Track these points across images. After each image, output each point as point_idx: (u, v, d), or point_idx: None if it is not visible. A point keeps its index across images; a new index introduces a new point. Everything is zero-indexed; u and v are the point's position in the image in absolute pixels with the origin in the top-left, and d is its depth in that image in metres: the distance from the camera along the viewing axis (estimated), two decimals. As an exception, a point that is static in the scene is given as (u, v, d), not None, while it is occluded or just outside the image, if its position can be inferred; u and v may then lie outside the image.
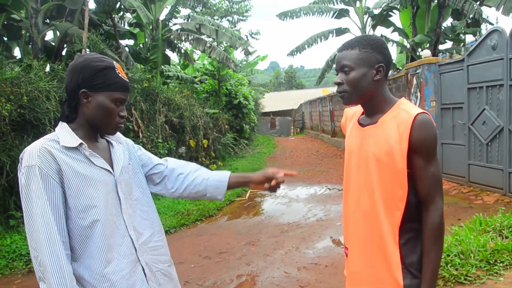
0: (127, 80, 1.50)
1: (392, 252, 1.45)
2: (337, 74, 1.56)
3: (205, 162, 10.66)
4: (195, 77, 15.70)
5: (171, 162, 1.76)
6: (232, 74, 15.54)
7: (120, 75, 1.45)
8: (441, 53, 11.62)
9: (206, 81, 15.28)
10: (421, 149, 1.41)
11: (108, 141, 1.57)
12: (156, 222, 1.63)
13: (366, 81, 1.48)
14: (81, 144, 1.39)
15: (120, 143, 1.62)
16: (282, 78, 66.32)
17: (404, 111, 1.45)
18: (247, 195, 8.30)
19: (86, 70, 1.40)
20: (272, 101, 32.37)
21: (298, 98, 33.23)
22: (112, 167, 1.49)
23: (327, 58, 17.11)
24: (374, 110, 1.55)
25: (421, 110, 1.43)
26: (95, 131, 1.50)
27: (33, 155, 1.31)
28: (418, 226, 1.47)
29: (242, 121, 15.96)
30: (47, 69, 6.92)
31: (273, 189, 1.78)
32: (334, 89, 23.68)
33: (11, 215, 5.52)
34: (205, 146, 10.77)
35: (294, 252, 4.82)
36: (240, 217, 6.72)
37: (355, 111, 1.71)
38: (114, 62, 1.47)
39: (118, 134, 1.63)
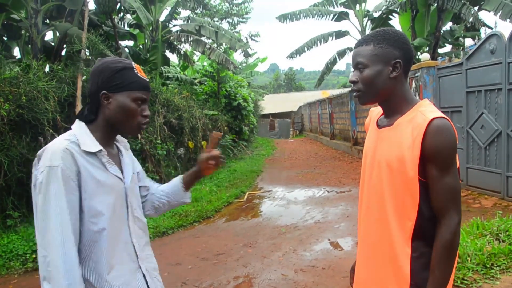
0: (147, 79, 1.50)
1: (403, 264, 1.35)
2: (353, 72, 1.47)
3: (203, 164, 10.65)
4: (195, 79, 15.71)
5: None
6: (232, 76, 15.55)
7: (139, 74, 1.46)
8: (440, 57, 11.65)
9: (205, 83, 15.29)
10: (435, 158, 1.29)
11: (118, 148, 1.58)
12: (147, 232, 1.65)
13: (382, 79, 1.38)
14: (100, 150, 1.41)
15: (128, 150, 1.64)
16: (282, 80, 66.40)
17: (421, 114, 1.33)
18: (245, 197, 8.30)
19: (104, 72, 1.41)
20: (272, 103, 32.38)
21: (297, 100, 33.25)
22: (122, 175, 1.50)
23: (326, 60, 17.15)
24: (392, 110, 1.44)
25: (439, 114, 1.31)
26: (113, 134, 1.50)
27: (56, 156, 1.30)
28: (432, 238, 1.35)
29: (241, 123, 15.96)
30: (46, 69, 6.93)
31: (218, 163, 1.75)
32: (333, 92, 23.72)
33: (8, 215, 5.51)
34: (204, 147, 10.75)
35: (292, 254, 4.82)
36: (238, 218, 6.72)
37: (380, 111, 1.59)
38: (133, 63, 1.48)
39: (126, 141, 1.65)
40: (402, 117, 1.40)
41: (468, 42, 13.90)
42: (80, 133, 1.41)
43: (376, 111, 1.63)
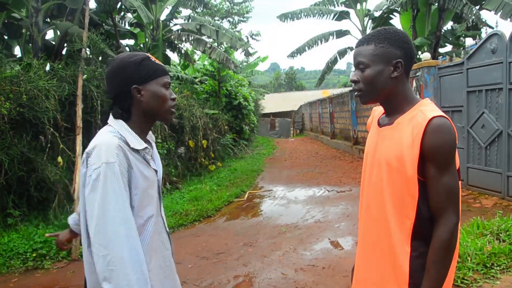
0: (164, 65, 1.54)
1: (402, 263, 1.34)
2: (354, 71, 1.47)
3: (204, 163, 10.67)
4: (195, 78, 15.71)
5: None
6: (232, 75, 15.54)
7: (156, 61, 1.50)
8: (441, 56, 11.64)
9: (206, 82, 15.28)
10: (434, 156, 1.28)
11: (149, 141, 1.61)
12: None
13: (383, 79, 1.38)
14: (145, 148, 1.45)
15: (153, 142, 1.68)
16: (282, 80, 66.38)
17: (421, 113, 1.33)
18: (246, 196, 8.30)
19: (128, 68, 1.43)
20: (272, 102, 32.37)
21: (298, 100, 33.23)
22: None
23: (327, 60, 17.14)
24: (393, 109, 1.45)
25: (439, 113, 1.31)
26: (149, 127, 1.54)
27: (112, 152, 1.32)
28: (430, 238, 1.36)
29: (242, 122, 15.96)
30: (47, 68, 6.92)
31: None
32: (334, 91, 23.71)
33: (9, 214, 5.52)
34: (204, 146, 10.77)
35: (292, 253, 4.82)
36: (238, 218, 6.72)
37: (382, 109, 1.59)
38: (146, 53, 1.51)
39: (152, 135, 1.68)
40: (402, 116, 1.40)
41: (469, 41, 13.89)
42: (123, 131, 1.43)
43: (378, 110, 1.63)
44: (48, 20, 9.05)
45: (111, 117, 1.48)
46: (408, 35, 1.44)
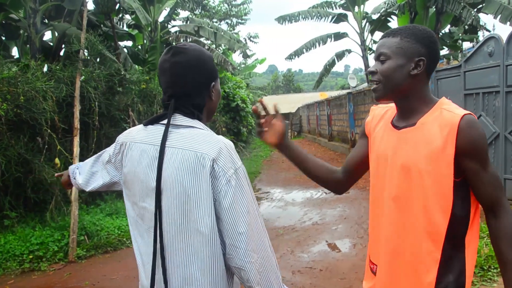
0: None
1: (429, 270, 1.30)
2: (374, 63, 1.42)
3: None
4: (193, 79, 15.69)
5: None
6: (230, 77, 15.55)
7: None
8: (438, 59, 11.68)
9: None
10: (473, 152, 1.25)
11: None
12: None
13: (401, 74, 1.32)
14: None
15: None
16: (280, 82, 66.44)
17: (448, 112, 1.29)
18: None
19: (209, 62, 1.36)
20: (270, 105, 32.33)
21: (296, 102, 33.28)
22: None
23: (325, 62, 17.19)
24: (411, 110, 1.38)
25: (467, 111, 1.28)
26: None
27: (237, 155, 1.30)
28: (462, 242, 1.32)
29: (240, 124, 15.96)
30: (45, 69, 6.91)
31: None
32: (331, 93, 23.75)
33: (5, 215, 5.50)
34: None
35: (289, 255, 4.82)
36: (235, 220, 6.71)
37: (386, 110, 1.52)
38: None
39: None
40: (425, 116, 1.34)
41: (466, 44, 13.95)
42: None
43: (378, 110, 1.57)
44: (46, 21, 9.03)
45: (185, 118, 1.31)
46: (435, 36, 1.39)
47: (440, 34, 11.33)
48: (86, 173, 1.64)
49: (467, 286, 1.33)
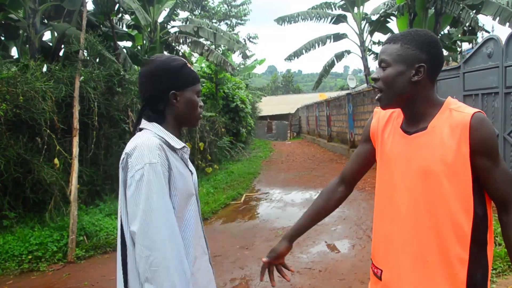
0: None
1: (458, 272, 1.29)
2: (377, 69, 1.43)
3: (201, 165, 10.65)
4: (193, 80, 15.68)
5: None
6: (230, 78, 15.56)
7: (192, 68, 1.50)
8: (437, 60, 11.69)
9: (203, 84, 15.29)
10: (485, 149, 1.27)
11: None
12: None
13: (402, 81, 1.32)
14: (184, 147, 1.45)
15: None
16: (280, 82, 66.48)
17: (457, 112, 1.31)
18: (243, 198, 8.30)
19: (170, 72, 1.43)
20: (269, 105, 32.40)
21: (295, 103, 33.31)
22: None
23: (324, 63, 17.20)
24: (419, 115, 1.37)
25: (476, 110, 1.30)
26: (179, 131, 1.53)
27: (154, 153, 1.32)
28: (484, 238, 1.33)
29: (239, 125, 15.97)
30: (44, 69, 6.90)
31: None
32: (331, 94, 23.79)
33: (4, 216, 5.49)
34: (201, 149, 10.76)
35: (288, 256, 4.79)
36: (234, 220, 6.72)
37: (392, 112, 1.51)
38: (183, 59, 1.51)
39: None
40: (435, 119, 1.35)
41: (465, 46, 13.97)
42: (160, 132, 1.42)
43: (383, 112, 1.54)
44: (46, 21, 9.02)
45: (143, 121, 1.46)
46: (438, 41, 1.38)
47: (439, 35, 11.33)
48: None
49: (489, 279, 1.36)
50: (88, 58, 7.25)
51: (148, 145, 1.32)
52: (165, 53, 12.56)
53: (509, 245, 1.32)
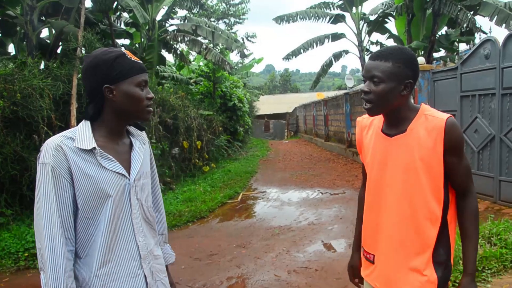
0: (141, 62, 1.48)
1: (428, 251, 1.55)
2: (364, 82, 1.57)
3: (198, 164, 10.65)
4: (190, 78, 15.68)
5: None
6: (227, 76, 15.55)
7: (132, 59, 1.43)
8: (435, 61, 11.72)
9: (201, 83, 15.27)
10: (455, 148, 1.51)
11: (131, 142, 1.55)
12: (156, 231, 1.64)
13: (393, 95, 1.52)
14: (94, 148, 1.38)
15: (144, 144, 1.61)
16: (277, 81, 66.48)
17: (432, 117, 1.53)
18: (239, 197, 8.31)
19: (100, 66, 1.38)
20: (267, 104, 32.40)
21: (292, 102, 33.30)
22: (129, 170, 1.47)
23: (322, 62, 17.21)
24: (399, 119, 1.59)
25: (448, 115, 1.53)
26: (122, 126, 1.49)
27: (48, 154, 1.32)
28: (445, 221, 1.56)
29: (236, 124, 15.96)
30: (42, 66, 6.89)
31: None
32: (328, 94, 23.81)
33: (1, 213, 5.48)
34: (199, 147, 10.75)
35: (285, 255, 4.83)
36: (231, 219, 6.72)
37: (371, 120, 1.73)
38: (123, 48, 1.47)
39: (144, 134, 1.63)
40: (412, 123, 1.56)
41: (463, 47, 14.01)
42: (81, 130, 1.40)
43: (364, 121, 1.77)
44: (43, 18, 9.00)
45: (83, 121, 1.46)
46: (416, 58, 1.58)
47: (437, 36, 11.36)
48: None
49: (452, 257, 1.60)
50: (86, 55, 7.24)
51: (47, 145, 1.33)
52: (163, 51, 12.56)
53: (460, 225, 1.59)
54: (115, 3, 9.50)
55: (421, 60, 8.22)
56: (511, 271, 3.68)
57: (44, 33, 9.96)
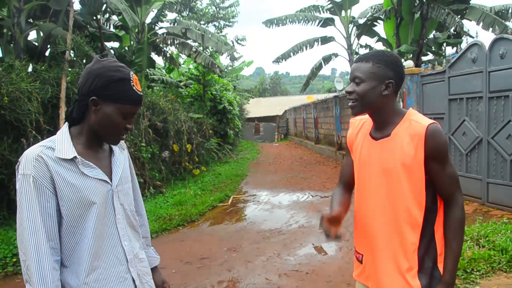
0: (141, 93, 1.45)
1: (411, 256, 1.55)
2: (351, 84, 1.63)
3: (188, 167, 10.61)
4: (180, 81, 15.65)
5: None
6: (217, 79, 15.53)
7: (134, 87, 1.40)
8: (423, 64, 11.84)
9: (191, 86, 15.24)
10: (437, 155, 1.50)
11: (111, 148, 1.55)
12: (147, 235, 1.67)
13: (374, 95, 1.55)
14: (75, 157, 1.37)
15: (123, 150, 1.61)
16: (267, 84, 66.51)
17: (416, 122, 1.54)
18: (230, 200, 8.29)
19: (101, 78, 1.36)
20: (257, 107, 32.45)
21: (282, 105, 33.37)
22: (110, 176, 1.48)
23: (312, 65, 17.28)
24: (384, 123, 1.62)
25: (431, 121, 1.53)
26: (97, 138, 1.47)
27: (29, 164, 1.30)
28: (432, 229, 1.56)
29: (227, 127, 15.94)
30: (30, 69, 6.82)
31: None
32: (318, 97, 23.94)
33: (-12, 218, 5.41)
34: (189, 150, 10.72)
35: (276, 258, 4.83)
36: (222, 222, 6.71)
37: (363, 121, 1.77)
38: (131, 73, 1.42)
39: (122, 141, 1.61)
40: (397, 127, 1.58)
41: (449, 50, 14.16)
42: (60, 139, 1.39)
43: (356, 122, 1.80)
44: (31, 20, 8.91)
45: (65, 124, 1.46)
46: (401, 61, 1.63)
47: (426, 39, 11.49)
48: None
49: (441, 266, 1.58)
50: (74, 58, 7.18)
51: (27, 156, 1.32)
52: (153, 54, 12.51)
53: (444, 232, 1.57)
54: (104, 6, 9.45)
55: (409, 63, 8.29)
56: (499, 273, 3.72)
57: (32, 35, 9.89)
